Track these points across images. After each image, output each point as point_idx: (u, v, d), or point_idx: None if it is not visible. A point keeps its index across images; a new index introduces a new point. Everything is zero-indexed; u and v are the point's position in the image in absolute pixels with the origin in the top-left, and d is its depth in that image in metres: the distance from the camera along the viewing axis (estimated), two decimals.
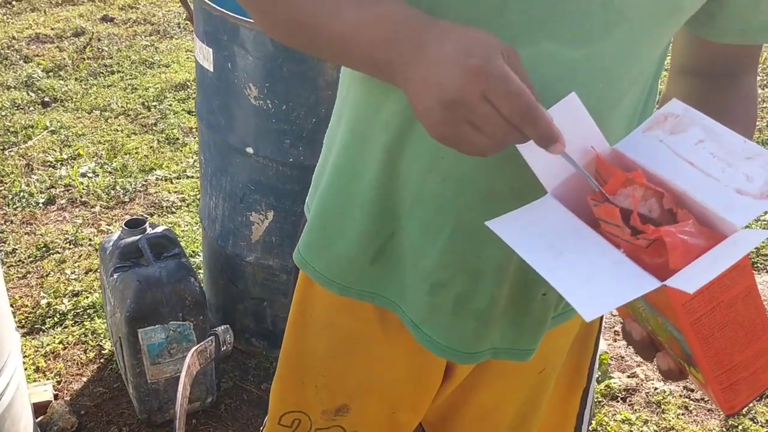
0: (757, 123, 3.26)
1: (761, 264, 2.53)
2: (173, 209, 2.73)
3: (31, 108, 3.31)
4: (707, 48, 0.85)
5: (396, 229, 0.88)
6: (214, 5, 1.74)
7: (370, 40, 0.67)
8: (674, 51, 0.90)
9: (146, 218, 1.99)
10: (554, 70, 0.70)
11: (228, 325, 1.25)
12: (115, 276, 1.83)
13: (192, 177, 2.90)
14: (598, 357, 1.08)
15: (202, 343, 1.12)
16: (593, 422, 1.93)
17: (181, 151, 3.06)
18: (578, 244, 0.64)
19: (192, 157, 3.01)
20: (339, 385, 1.02)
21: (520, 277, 0.86)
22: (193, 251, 2.49)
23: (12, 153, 3.00)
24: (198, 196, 2.77)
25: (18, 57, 3.72)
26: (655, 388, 2.05)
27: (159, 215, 2.69)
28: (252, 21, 1.69)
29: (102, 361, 2.10)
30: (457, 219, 0.83)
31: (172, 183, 2.87)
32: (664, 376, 0.69)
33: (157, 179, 2.88)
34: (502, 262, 0.84)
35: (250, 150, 1.82)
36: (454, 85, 0.61)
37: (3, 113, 3.24)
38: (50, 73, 3.58)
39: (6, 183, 2.82)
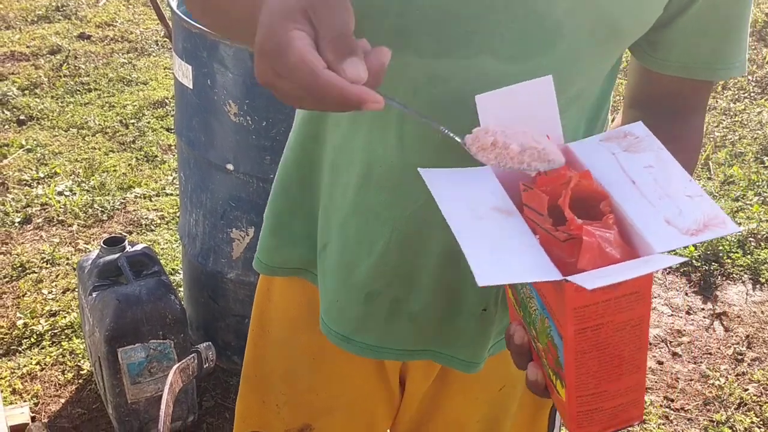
0: (731, 141, 3.29)
1: (736, 274, 2.56)
2: (152, 227, 2.71)
3: (6, 126, 3.28)
4: (653, 80, 0.84)
5: (328, 240, 0.90)
6: (193, 23, 1.74)
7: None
8: (627, 82, 0.91)
9: (125, 236, 1.98)
10: (489, 85, 0.69)
11: (210, 342, 1.24)
12: (94, 295, 1.81)
13: (171, 194, 2.89)
14: None
15: (184, 360, 1.11)
16: None
17: (159, 168, 3.05)
18: (498, 219, 0.63)
19: (171, 175, 3.00)
20: (300, 404, 1.02)
21: (456, 288, 0.86)
22: (173, 269, 2.47)
23: None
24: (177, 214, 2.75)
25: None
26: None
27: (138, 233, 2.67)
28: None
29: (80, 381, 2.07)
30: (391, 229, 0.84)
31: (151, 201, 2.85)
32: (528, 387, 0.67)
33: (135, 197, 2.86)
34: (437, 271, 0.85)
35: (230, 166, 1.82)
36: (259, 37, 0.60)
37: None
38: (26, 91, 3.55)
39: None
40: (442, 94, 0.74)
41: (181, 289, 2.26)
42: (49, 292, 2.38)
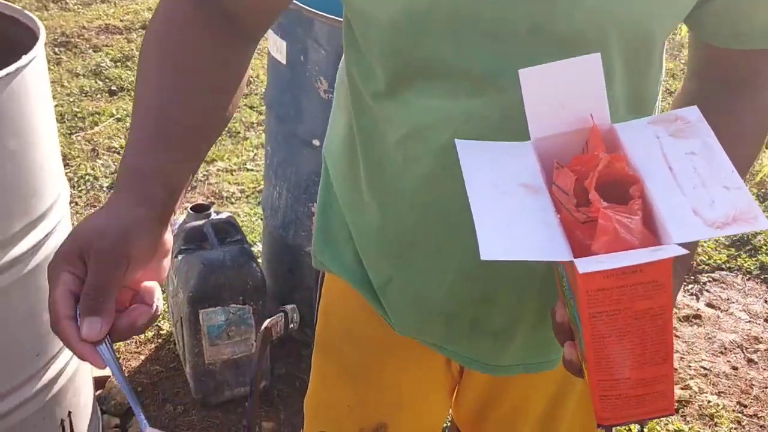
0: None
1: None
2: (233, 200, 2.78)
3: (99, 96, 3.41)
4: (711, 52, 0.81)
5: (391, 275, 0.90)
6: None
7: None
8: (688, 53, 0.88)
9: (211, 204, 2.04)
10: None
11: (295, 305, 1.28)
12: (180, 258, 1.88)
13: (251, 170, 2.96)
14: None
15: (273, 317, 1.16)
16: (645, 430, 1.91)
17: (242, 144, 3.12)
18: (523, 195, 0.62)
19: (252, 151, 3.07)
20: (373, 403, 1.01)
21: (541, 301, 0.85)
22: (252, 241, 2.54)
23: (79, 138, 3.09)
24: (257, 189, 2.82)
25: (87, 46, 3.83)
26: (709, 402, 2.03)
27: (219, 205, 2.75)
28: (327, 15, 1.73)
29: (160, 341, 2.15)
30: (459, 261, 0.83)
31: (232, 174, 2.93)
32: (564, 366, 0.67)
33: (218, 170, 2.94)
34: (515, 289, 0.85)
35: (317, 142, 1.86)
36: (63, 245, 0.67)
37: (71, 99, 3.35)
38: (118, 63, 3.68)
39: (72, 166, 2.91)
40: (483, 128, 0.75)
41: (259, 260, 2.32)
42: None
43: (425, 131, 0.78)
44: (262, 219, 2.47)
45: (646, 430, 1.91)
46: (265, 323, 1.06)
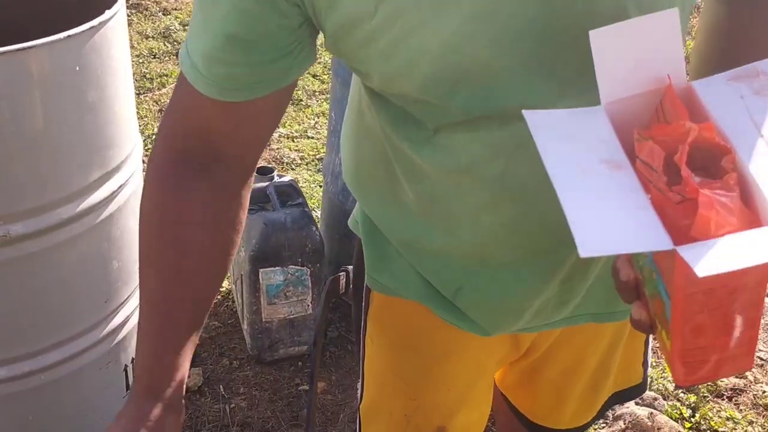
0: None
1: None
2: (293, 165, 2.83)
3: (167, 58, 3.48)
4: None
5: (461, 284, 0.89)
6: None
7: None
8: None
9: (274, 167, 2.08)
10: None
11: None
12: None
13: (312, 138, 2.99)
14: None
15: (337, 274, 1.18)
16: (696, 415, 1.90)
17: (303, 112, 3.16)
18: (608, 174, 0.58)
19: (314, 119, 3.11)
20: (433, 407, 1.01)
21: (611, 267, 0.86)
22: (311, 206, 2.58)
23: (147, 98, 3.17)
24: (317, 156, 2.85)
25: (157, 9, 3.91)
26: (764, 391, 2.00)
27: (280, 170, 2.79)
28: None
29: (219, 297, 2.21)
30: (533, 265, 0.84)
31: (293, 141, 2.97)
32: (632, 324, 0.65)
33: (279, 136, 2.99)
34: (588, 273, 0.85)
35: None
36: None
37: (141, 60, 3.42)
38: (187, 27, 3.74)
39: (140, 125, 2.99)
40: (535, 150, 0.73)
41: (318, 225, 2.36)
42: None
43: (475, 166, 0.76)
44: (320, 186, 2.50)
45: (698, 415, 1.90)
46: (329, 279, 1.08)
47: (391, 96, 0.75)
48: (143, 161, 2.71)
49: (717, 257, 0.51)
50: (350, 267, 1.33)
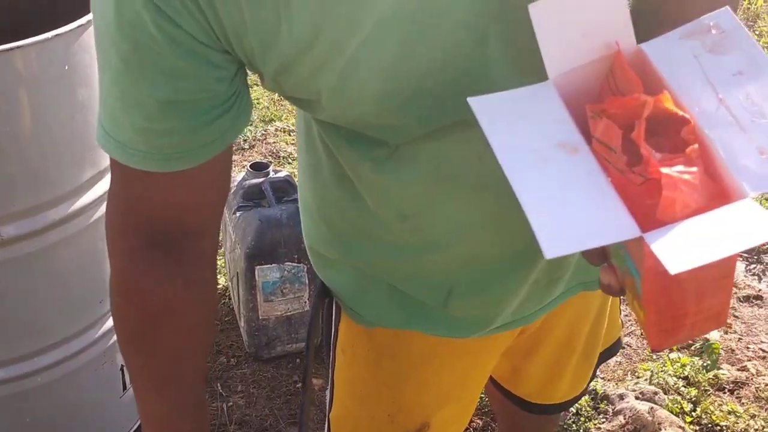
0: None
1: None
2: (290, 160, 2.81)
3: None
4: None
5: (453, 285, 0.87)
6: None
7: None
8: None
9: (269, 163, 2.06)
10: None
11: None
12: (238, 214, 1.91)
13: None
14: None
15: None
16: (698, 409, 1.89)
17: None
18: (564, 159, 0.55)
19: None
20: (416, 405, 1.00)
21: None
22: None
23: None
24: None
25: None
26: (766, 384, 1.99)
27: (276, 164, 2.77)
28: None
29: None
30: (518, 261, 0.83)
31: (290, 135, 2.95)
32: (601, 289, 0.63)
33: (276, 130, 2.97)
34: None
35: None
36: None
37: None
38: None
39: None
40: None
41: None
42: None
43: (447, 172, 0.74)
44: None
45: (699, 409, 1.88)
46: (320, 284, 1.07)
47: (347, 123, 0.71)
48: None
49: (687, 248, 0.49)
50: None
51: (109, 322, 1.57)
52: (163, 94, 0.63)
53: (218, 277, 2.25)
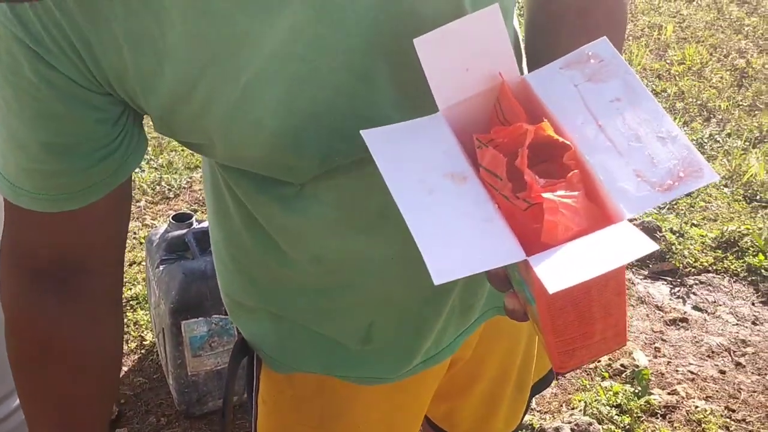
0: None
1: None
2: None
3: None
4: None
5: (373, 319, 0.86)
6: None
7: None
8: None
9: (192, 213, 2.02)
10: None
11: None
12: (161, 268, 1.86)
13: None
14: None
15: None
16: None
17: None
18: (453, 188, 0.57)
19: None
20: None
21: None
22: None
23: None
24: None
25: None
26: (696, 407, 2.02)
27: (203, 212, 2.72)
28: None
29: (143, 351, 2.13)
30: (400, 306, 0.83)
31: None
32: (507, 314, 0.64)
33: (201, 177, 2.92)
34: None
35: None
36: None
37: None
38: None
39: None
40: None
41: None
42: None
43: (352, 209, 0.74)
44: None
45: None
46: (240, 337, 1.04)
47: (246, 166, 0.70)
48: None
49: (567, 268, 0.51)
50: None
51: None
52: (44, 137, 0.62)
53: (145, 333, 2.18)
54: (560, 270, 0.51)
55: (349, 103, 0.64)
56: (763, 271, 2.53)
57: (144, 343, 2.15)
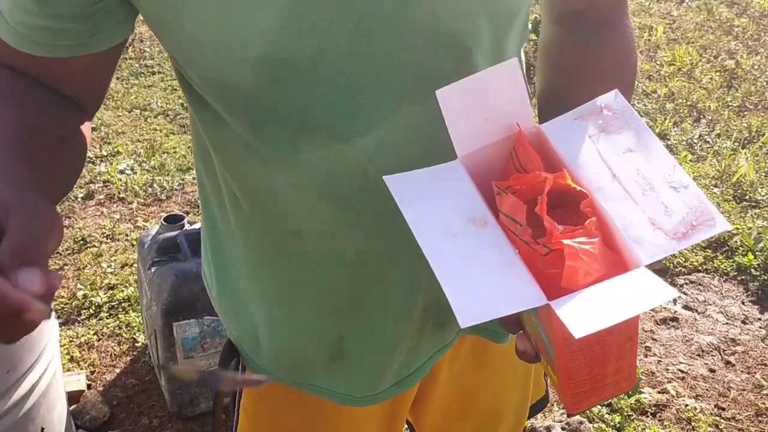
0: None
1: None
2: None
3: None
4: None
5: (345, 330, 0.86)
6: None
7: None
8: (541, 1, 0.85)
9: (184, 215, 2.02)
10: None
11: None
12: (153, 270, 1.86)
13: None
14: None
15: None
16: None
17: None
18: (474, 234, 0.59)
19: None
20: None
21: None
22: None
23: None
24: None
25: None
26: (686, 405, 2.04)
27: (195, 214, 2.73)
28: None
29: (135, 353, 2.13)
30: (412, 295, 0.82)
31: None
32: (518, 355, 0.65)
33: (193, 179, 2.92)
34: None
35: None
36: None
37: None
38: None
39: None
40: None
41: None
42: (108, 266, 2.45)
43: (336, 183, 0.74)
44: None
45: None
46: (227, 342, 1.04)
47: (222, 95, 0.70)
48: None
49: (589, 313, 0.53)
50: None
51: (19, 392, 1.49)
52: None
53: (137, 334, 2.18)
54: (583, 315, 0.53)
55: (336, 60, 0.66)
56: (752, 270, 2.54)
57: (136, 344, 2.15)
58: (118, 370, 2.07)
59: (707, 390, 2.11)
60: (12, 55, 0.70)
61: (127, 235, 2.61)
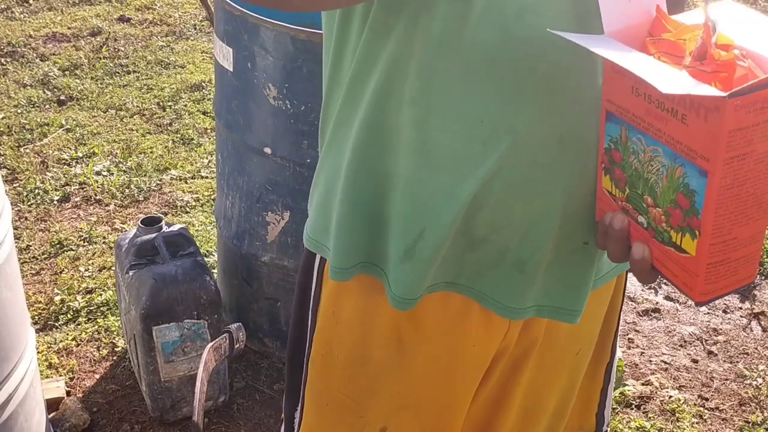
0: None
1: None
2: (187, 209, 2.73)
3: (47, 106, 3.33)
4: None
5: (424, 226, 0.85)
6: (234, 5, 1.74)
7: None
8: None
9: (162, 217, 1.99)
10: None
11: (240, 323, 1.25)
12: (131, 273, 1.83)
13: (206, 177, 2.91)
14: (618, 331, 1.08)
15: (217, 339, 1.12)
16: (608, 429, 1.92)
17: (195, 151, 3.07)
18: (645, 56, 0.69)
19: (206, 158, 3.02)
20: (384, 407, 0.97)
21: (564, 228, 0.84)
22: (207, 251, 2.49)
23: (27, 150, 3.01)
24: (212, 197, 2.77)
25: (34, 55, 3.74)
26: (670, 397, 2.04)
27: (173, 215, 2.69)
28: (273, 21, 1.70)
29: (115, 358, 2.10)
30: (504, 179, 0.82)
31: (186, 183, 2.88)
32: (633, 267, 0.68)
33: (171, 179, 2.89)
34: (548, 214, 0.83)
35: (267, 150, 1.82)
36: None
37: (19, 111, 3.26)
38: (66, 72, 3.60)
39: (21, 180, 2.83)
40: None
41: (215, 271, 2.28)
42: (85, 270, 2.41)
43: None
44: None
45: (608, 429, 1.91)
46: (207, 347, 1.03)
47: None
48: (22, 221, 2.59)
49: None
50: (234, 326, 1.27)
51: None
52: None
53: (117, 339, 2.15)
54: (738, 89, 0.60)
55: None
56: None
57: (116, 349, 2.12)
58: (98, 376, 2.04)
59: (690, 381, 2.12)
60: None
61: (104, 237, 2.57)
